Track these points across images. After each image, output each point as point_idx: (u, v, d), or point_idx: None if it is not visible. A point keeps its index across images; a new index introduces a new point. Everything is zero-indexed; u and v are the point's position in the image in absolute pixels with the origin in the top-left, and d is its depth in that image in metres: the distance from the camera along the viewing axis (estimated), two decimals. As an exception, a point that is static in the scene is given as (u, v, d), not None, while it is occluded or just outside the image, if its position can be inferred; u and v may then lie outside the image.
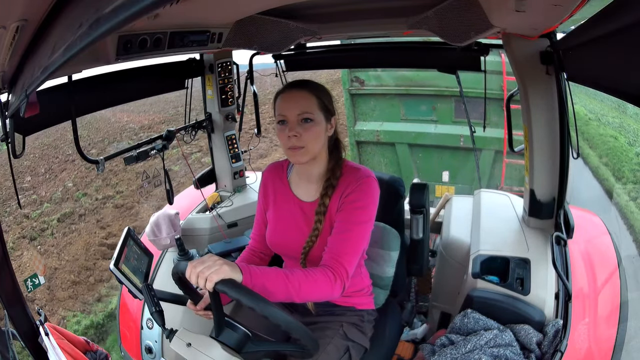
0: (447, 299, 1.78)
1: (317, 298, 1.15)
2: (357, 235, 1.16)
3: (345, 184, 1.20)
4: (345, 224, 1.16)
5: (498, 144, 4.21)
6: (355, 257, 1.15)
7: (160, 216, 1.90)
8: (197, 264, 0.95)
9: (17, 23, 0.66)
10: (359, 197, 1.17)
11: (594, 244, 1.74)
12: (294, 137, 1.15)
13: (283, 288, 1.02)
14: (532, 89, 1.43)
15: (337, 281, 1.10)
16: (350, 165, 1.25)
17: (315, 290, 1.08)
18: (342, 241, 1.15)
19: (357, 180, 1.19)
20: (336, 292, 1.11)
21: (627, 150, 5.42)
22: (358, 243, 1.16)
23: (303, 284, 1.05)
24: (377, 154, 4.99)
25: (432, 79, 4.42)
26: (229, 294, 0.92)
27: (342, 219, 1.17)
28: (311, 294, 1.09)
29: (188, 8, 1.20)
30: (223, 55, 2.08)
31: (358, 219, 1.17)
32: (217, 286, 0.93)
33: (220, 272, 0.94)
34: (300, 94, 1.18)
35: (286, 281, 1.03)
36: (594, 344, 1.34)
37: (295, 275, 1.06)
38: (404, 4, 1.45)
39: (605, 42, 0.69)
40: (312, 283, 1.07)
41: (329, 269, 1.11)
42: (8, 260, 1.16)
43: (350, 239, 1.15)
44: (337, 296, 1.12)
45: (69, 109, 1.42)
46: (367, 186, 1.19)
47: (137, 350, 1.76)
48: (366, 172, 1.22)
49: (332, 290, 1.10)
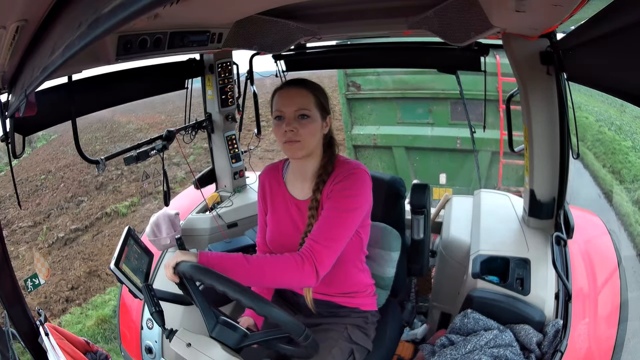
0: (447, 299, 1.78)
1: (286, 283, 1.15)
2: (341, 223, 1.14)
3: (335, 175, 1.21)
4: (329, 211, 1.16)
5: (494, 145, 4.22)
6: (336, 243, 1.13)
7: (160, 216, 1.90)
8: (167, 262, 1.04)
9: (17, 23, 0.66)
10: (348, 186, 1.17)
11: (594, 244, 1.74)
12: (290, 131, 1.16)
13: (242, 270, 1.05)
14: (532, 89, 1.43)
15: (305, 265, 1.08)
16: (342, 159, 1.26)
17: (280, 273, 1.08)
18: (322, 226, 1.14)
19: (347, 170, 1.20)
20: (307, 277, 1.09)
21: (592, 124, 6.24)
22: (341, 230, 1.14)
23: (265, 266, 1.07)
24: (375, 158, 5.00)
25: (428, 82, 4.42)
26: (192, 275, 0.98)
27: (328, 206, 1.17)
28: (276, 278, 1.09)
29: (188, 8, 1.20)
30: (223, 56, 2.08)
31: (344, 206, 1.15)
32: (178, 269, 1.01)
33: (175, 257, 1.04)
34: (298, 91, 1.20)
35: (245, 263, 1.05)
36: (594, 344, 1.34)
37: (258, 259, 1.08)
38: (404, 4, 1.45)
39: (605, 42, 0.69)
40: (274, 266, 1.07)
41: (298, 253, 1.10)
42: (8, 260, 1.17)
43: (332, 225, 1.14)
44: (311, 283, 1.10)
45: (68, 109, 1.43)
46: (357, 176, 1.19)
47: (137, 350, 1.76)
48: (357, 164, 1.23)
49: (300, 275, 1.08)
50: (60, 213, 7.03)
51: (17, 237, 6.34)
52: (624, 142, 5.43)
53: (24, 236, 6.36)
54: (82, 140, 4.42)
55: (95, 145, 10.36)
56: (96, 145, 10.47)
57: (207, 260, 1.04)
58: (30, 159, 10.18)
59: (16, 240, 6.22)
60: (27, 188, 8.19)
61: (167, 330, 1.01)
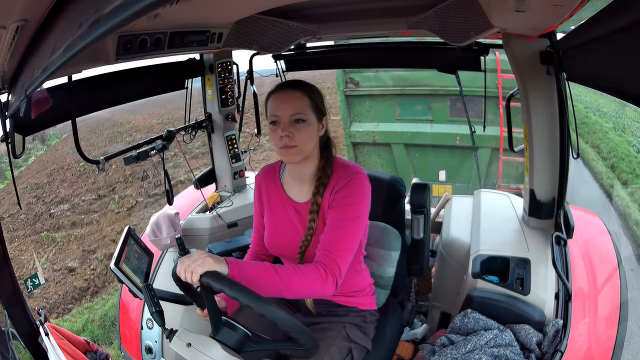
0: (447, 299, 1.78)
1: (308, 294, 1.15)
2: (350, 232, 1.16)
3: (335, 180, 1.21)
4: (337, 221, 1.16)
5: (494, 142, 4.22)
6: (348, 253, 1.15)
7: (160, 216, 1.90)
8: (185, 259, 0.98)
9: (17, 23, 0.66)
10: (350, 194, 1.17)
11: (594, 244, 1.74)
12: (286, 137, 1.16)
13: (271, 282, 1.03)
14: (532, 89, 1.43)
15: (328, 277, 1.09)
16: (340, 162, 1.26)
17: (306, 285, 1.08)
18: (334, 237, 1.15)
19: (347, 176, 1.19)
20: (328, 289, 1.10)
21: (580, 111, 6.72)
22: (351, 239, 1.16)
23: (293, 278, 1.05)
24: (374, 155, 4.98)
25: (427, 79, 4.41)
26: (213, 285, 0.94)
27: (333, 216, 1.17)
28: (302, 290, 1.09)
29: (188, 8, 1.20)
30: (223, 56, 2.08)
31: (349, 215, 1.16)
32: (202, 279, 0.95)
33: (204, 264, 0.96)
34: (293, 94, 1.18)
35: (275, 275, 1.04)
36: (594, 343, 1.34)
37: (285, 270, 1.06)
38: (404, 4, 1.45)
39: (605, 42, 0.69)
40: (302, 278, 1.07)
41: (320, 265, 1.11)
42: (8, 260, 1.17)
43: (342, 235, 1.15)
44: (329, 293, 1.11)
45: (68, 109, 1.42)
46: (357, 182, 1.19)
47: (137, 350, 1.76)
48: (356, 168, 1.22)
49: (323, 286, 1.09)
50: (127, 186, 7.71)
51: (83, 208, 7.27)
52: (605, 124, 6.37)
53: (91, 206, 7.32)
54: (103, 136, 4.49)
55: (116, 142, 10.83)
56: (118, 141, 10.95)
57: (238, 273, 0.99)
58: (50, 154, 10.68)
59: (83, 211, 7.19)
60: (69, 174, 8.86)
61: (167, 330, 1.01)
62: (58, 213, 7.26)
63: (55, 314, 4.60)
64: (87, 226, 6.76)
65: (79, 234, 6.51)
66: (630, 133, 5.95)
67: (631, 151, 5.50)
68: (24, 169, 9.70)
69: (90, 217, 6.95)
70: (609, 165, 5.45)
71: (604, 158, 5.66)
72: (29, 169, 9.75)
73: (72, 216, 7.11)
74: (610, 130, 6.18)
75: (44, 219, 7.12)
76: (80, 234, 6.53)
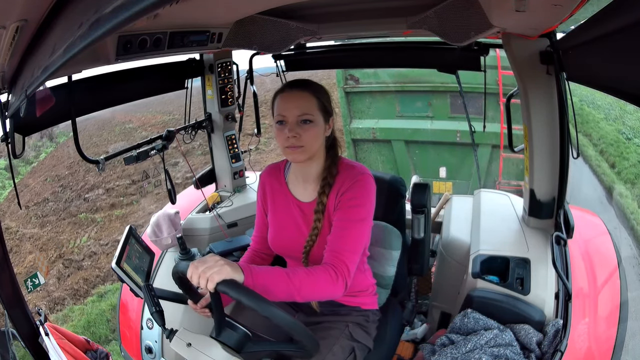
0: (447, 299, 1.78)
1: (319, 297, 1.15)
2: (357, 233, 1.16)
3: (341, 181, 1.21)
4: (343, 222, 1.17)
5: (495, 139, 4.21)
6: (355, 254, 1.15)
7: (161, 216, 1.90)
8: (199, 264, 0.95)
9: (17, 23, 0.66)
10: (356, 195, 1.17)
11: (594, 244, 1.75)
12: (293, 137, 1.15)
13: (284, 287, 1.02)
14: (532, 89, 1.43)
15: (339, 279, 1.10)
16: (346, 162, 1.25)
17: (317, 288, 1.08)
18: (341, 239, 1.15)
19: (352, 177, 1.19)
20: (338, 290, 1.10)
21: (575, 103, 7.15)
22: (358, 240, 1.16)
23: (304, 282, 1.05)
24: (374, 152, 4.97)
25: (427, 75, 4.40)
26: (230, 294, 0.92)
27: (340, 217, 1.18)
28: (313, 293, 1.09)
29: (188, 8, 1.20)
30: (223, 55, 2.08)
31: (356, 216, 1.17)
32: (219, 287, 0.93)
33: (222, 272, 0.94)
34: (300, 94, 1.18)
35: (287, 280, 1.03)
36: (594, 343, 1.34)
37: (297, 274, 1.06)
38: (403, 4, 1.45)
39: (605, 42, 0.69)
40: (313, 281, 1.07)
41: (330, 267, 1.11)
42: (8, 260, 1.17)
43: (349, 237, 1.15)
44: (340, 294, 1.12)
45: (68, 109, 1.42)
46: (363, 183, 1.19)
47: (137, 350, 1.76)
48: (361, 169, 1.22)
49: (334, 288, 1.09)
50: (160, 172, 7.76)
51: (120, 192, 7.50)
52: (597, 115, 7.06)
53: (128, 190, 7.54)
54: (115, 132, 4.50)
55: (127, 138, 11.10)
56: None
57: (253, 280, 0.98)
58: (61, 149, 10.91)
59: (121, 194, 7.40)
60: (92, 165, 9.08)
61: (168, 330, 1.01)
62: (93, 197, 7.45)
63: (110, 281, 4.68)
64: (128, 207, 6.97)
65: (120, 214, 6.67)
66: (621, 122, 6.58)
67: (620, 138, 6.18)
68: (37, 165, 9.97)
69: (130, 199, 7.16)
70: (598, 150, 6.27)
71: (594, 144, 6.43)
72: (42, 164, 10.03)
73: (109, 199, 7.28)
74: (601, 120, 6.82)
75: (79, 204, 7.30)
76: (122, 213, 6.70)
